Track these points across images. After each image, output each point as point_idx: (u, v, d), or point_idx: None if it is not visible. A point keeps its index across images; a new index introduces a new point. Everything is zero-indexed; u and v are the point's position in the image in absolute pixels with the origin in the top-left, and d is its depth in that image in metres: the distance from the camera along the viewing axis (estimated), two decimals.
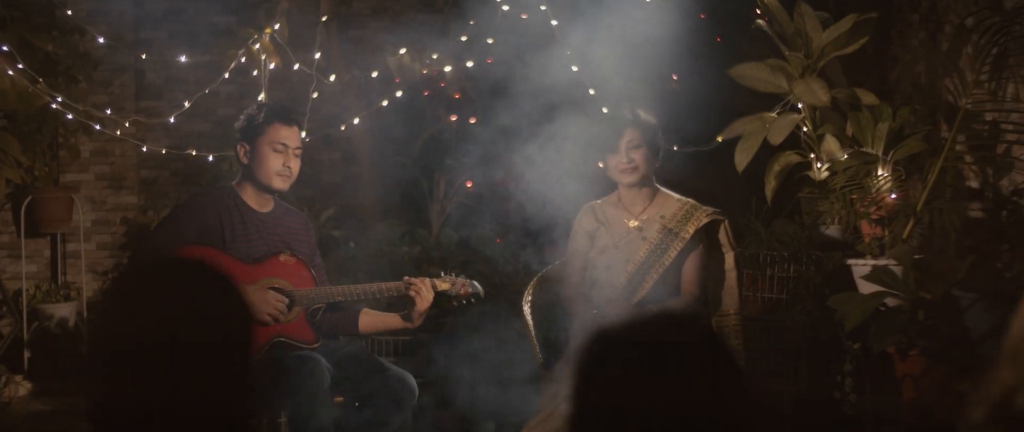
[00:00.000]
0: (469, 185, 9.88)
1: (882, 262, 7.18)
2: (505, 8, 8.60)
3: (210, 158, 9.18)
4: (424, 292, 6.32)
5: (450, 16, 9.81)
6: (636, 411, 2.51)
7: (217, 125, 10.59)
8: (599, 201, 6.82)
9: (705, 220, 6.58)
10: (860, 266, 7.36)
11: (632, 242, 6.61)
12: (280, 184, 6.27)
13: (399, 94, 8.70)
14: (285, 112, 6.37)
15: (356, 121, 8.89)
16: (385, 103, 8.67)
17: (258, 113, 6.33)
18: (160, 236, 6.10)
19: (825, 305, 7.34)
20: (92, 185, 10.71)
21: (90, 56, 10.00)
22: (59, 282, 10.50)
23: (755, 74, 8.11)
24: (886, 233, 7.49)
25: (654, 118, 6.72)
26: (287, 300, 6.07)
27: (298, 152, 6.33)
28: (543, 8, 8.33)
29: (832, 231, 7.77)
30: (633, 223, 6.65)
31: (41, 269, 10.67)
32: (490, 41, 8.71)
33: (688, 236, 6.53)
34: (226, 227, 6.14)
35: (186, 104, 8.81)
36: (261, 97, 8.93)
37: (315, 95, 8.82)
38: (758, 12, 8.17)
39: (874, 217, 7.57)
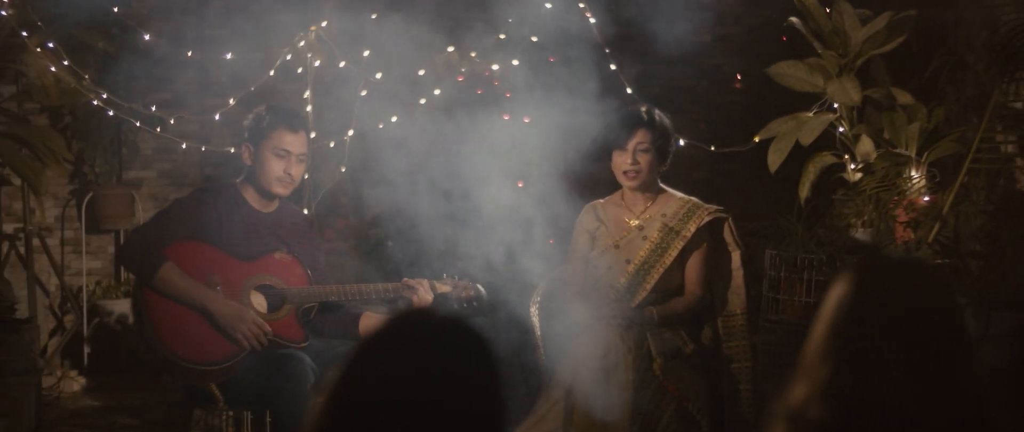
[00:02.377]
0: (520, 185, 9.76)
1: None
2: (548, 5, 8.50)
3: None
4: (421, 293, 6.27)
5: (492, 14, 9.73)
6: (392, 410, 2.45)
7: None
8: (601, 200, 6.76)
9: (707, 218, 6.48)
10: None
11: (633, 241, 6.52)
12: (280, 190, 6.23)
13: (437, 92, 8.63)
14: (291, 117, 6.31)
15: (394, 119, 8.82)
16: (423, 101, 8.61)
17: (265, 116, 6.29)
18: (152, 227, 6.09)
19: None
20: (155, 182, 10.75)
21: (150, 54, 10.04)
22: (120, 279, 10.57)
23: (792, 73, 7.92)
24: (914, 236, 7.26)
25: (669, 121, 6.61)
26: (269, 330, 5.99)
27: (302, 158, 6.27)
28: (581, 5, 8.22)
29: (863, 234, 7.55)
30: (634, 222, 6.57)
31: (105, 265, 10.74)
32: (534, 39, 8.61)
33: (689, 235, 6.43)
34: (224, 224, 6.12)
35: (231, 102, 8.82)
36: (306, 95, 8.92)
37: (364, 93, 8.79)
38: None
39: (902, 220, 7.35)
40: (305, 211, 8.86)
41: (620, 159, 6.50)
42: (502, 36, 8.74)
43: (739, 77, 10.49)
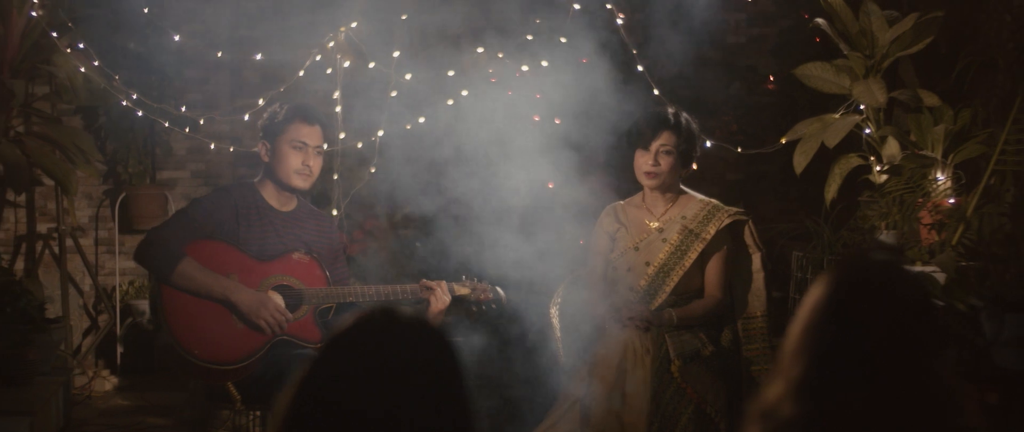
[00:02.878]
0: (550, 186, 9.74)
1: (927, 269, 6.91)
2: (576, 7, 8.48)
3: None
4: (439, 294, 6.26)
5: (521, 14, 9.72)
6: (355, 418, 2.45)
7: None
8: (622, 202, 6.74)
9: (727, 220, 6.46)
10: None
11: (652, 244, 6.50)
12: (300, 183, 6.25)
13: (464, 92, 8.62)
14: (306, 111, 6.35)
15: (423, 120, 8.82)
16: (450, 102, 8.60)
17: (280, 111, 6.32)
18: (171, 226, 6.10)
19: None
20: (188, 182, 10.78)
21: (182, 54, 10.06)
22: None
23: (820, 74, 7.87)
24: (938, 239, 7.21)
25: (697, 126, 6.59)
26: (290, 316, 6.01)
27: (320, 151, 6.31)
28: (608, 6, 8.20)
29: (888, 236, 7.49)
30: (654, 224, 6.55)
31: (138, 265, 10.77)
32: (563, 40, 8.58)
33: (709, 237, 6.41)
34: (241, 223, 6.14)
35: (260, 102, 8.81)
36: (335, 95, 8.92)
37: (394, 94, 8.79)
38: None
39: (926, 223, 7.29)
40: (334, 211, 8.88)
41: (642, 159, 6.49)
42: (529, 37, 8.70)
43: (772, 78, 10.44)
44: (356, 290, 6.24)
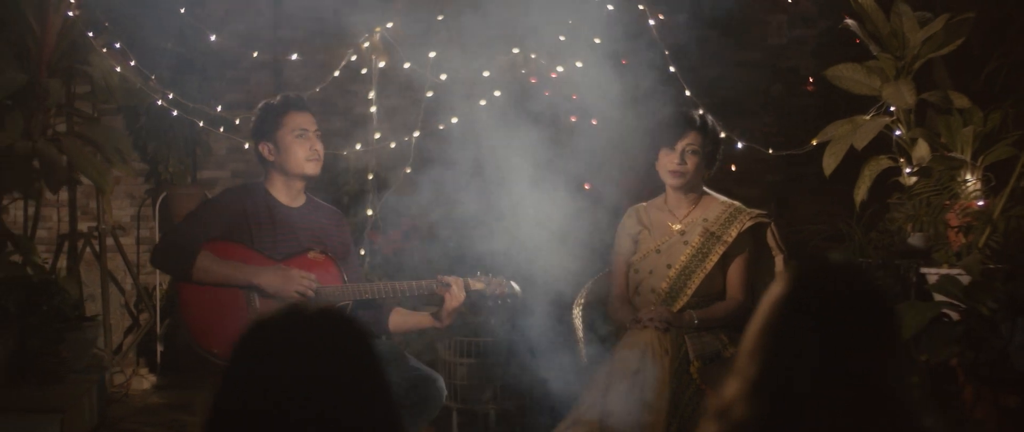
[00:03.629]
0: (586, 187, 9.73)
1: (953, 271, 6.85)
2: (610, 8, 8.47)
3: (345, 153, 9.21)
4: (454, 290, 6.24)
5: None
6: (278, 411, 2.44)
7: (353, 123, 10.58)
8: (645, 204, 6.74)
9: (749, 223, 6.45)
10: (933, 275, 7.04)
11: (674, 246, 6.50)
12: (312, 169, 6.28)
13: (497, 93, 8.62)
14: (297, 100, 6.41)
15: (456, 121, 8.82)
16: (483, 103, 8.61)
17: (268, 109, 6.38)
18: (184, 228, 6.13)
19: None
20: (228, 182, 10.79)
21: (224, 54, 10.11)
22: None
23: (851, 75, 7.83)
24: (964, 241, 7.14)
25: (721, 128, 6.58)
26: (314, 277, 6.04)
27: (319, 134, 6.34)
28: (640, 7, 8.18)
29: (916, 239, 7.42)
30: (676, 226, 6.55)
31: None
32: (597, 41, 8.56)
33: (731, 239, 6.40)
34: (252, 223, 6.16)
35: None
36: (371, 95, 8.95)
37: (430, 94, 8.81)
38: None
39: (954, 225, 7.23)
40: (369, 211, 8.90)
41: (667, 158, 6.49)
42: (561, 38, 8.69)
43: (811, 80, 10.38)
44: (371, 287, 6.24)
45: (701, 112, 6.59)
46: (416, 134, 8.82)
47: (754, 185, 10.34)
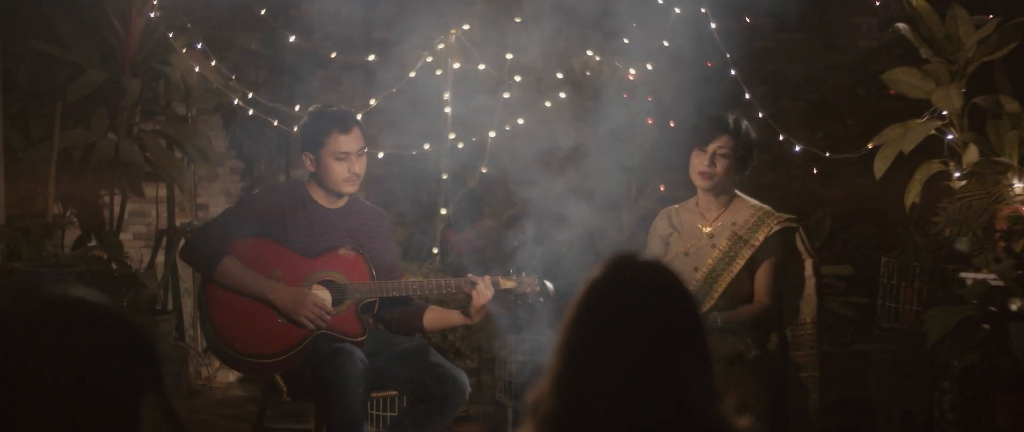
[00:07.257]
0: (662, 189, 9.76)
1: (989, 277, 6.80)
2: (677, 11, 8.49)
3: (413, 153, 9.30)
4: (481, 288, 6.30)
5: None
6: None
7: (430, 121, 10.66)
8: (676, 206, 6.76)
9: (776, 227, 6.45)
10: (970, 280, 6.99)
11: (702, 249, 6.53)
12: (349, 188, 6.34)
13: (562, 95, 8.70)
14: (341, 119, 6.37)
15: (521, 121, 8.90)
16: (548, 104, 8.69)
17: (312, 124, 6.41)
18: (217, 225, 6.32)
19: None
20: None
21: (316, 55, 10.25)
22: None
23: (907, 79, 7.82)
24: (1004, 246, 7.08)
25: (755, 134, 6.60)
26: (330, 307, 6.16)
27: (362, 153, 6.36)
28: (703, 11, 8.21)
29: (962, 243, 7.37)
30: (706, 229, 6.57)
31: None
32: (665, 44, 8.60)
33: (758, 243, 6.41)
34: (289, 221, 6.28)
35: (372, 102, 8.98)
36: (446, 96, 9.07)
37: (507, 95, 8.90)
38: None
39: (1000, 229, 7.17)
40: (442, 211, 9.01)
41: (697, 159, 6.51)
42: (626, 41, 8.73)
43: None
44: (398, 285, 6.34)
45: (734, 116, 6.60)
46: (491, 134, 8.90)
47: (841, 187, 10.28)
